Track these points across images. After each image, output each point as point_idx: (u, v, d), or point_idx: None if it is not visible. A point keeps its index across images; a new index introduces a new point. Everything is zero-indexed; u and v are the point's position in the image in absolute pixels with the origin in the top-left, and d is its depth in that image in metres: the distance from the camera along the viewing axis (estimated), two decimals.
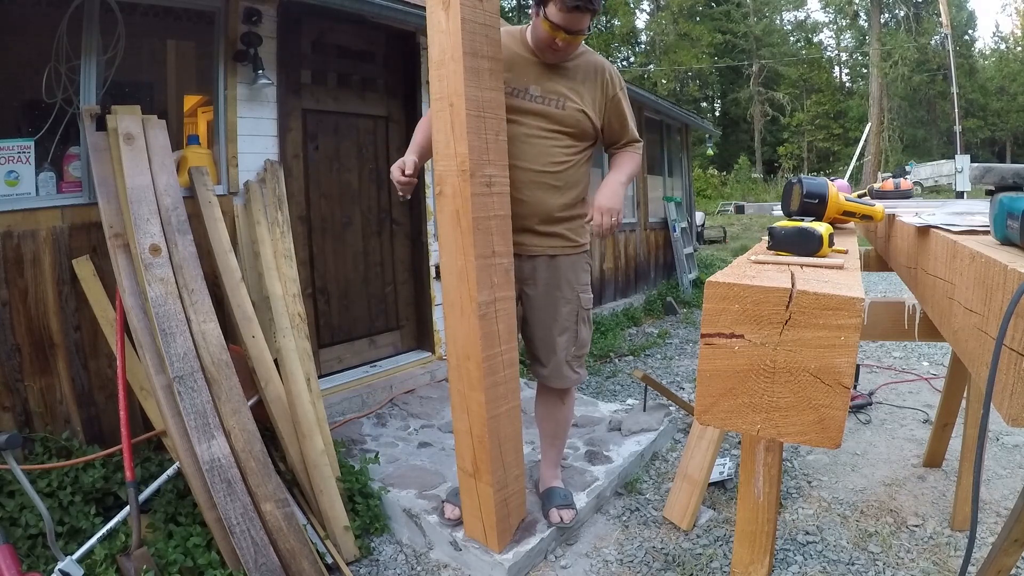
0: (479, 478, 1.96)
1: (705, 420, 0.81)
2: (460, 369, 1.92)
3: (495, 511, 1.97)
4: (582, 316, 2.13)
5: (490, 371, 1.87)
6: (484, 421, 1.88)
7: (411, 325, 3.99)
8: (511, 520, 2.08)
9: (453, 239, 1.82)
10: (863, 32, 32.94)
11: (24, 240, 2.27)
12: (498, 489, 1.96)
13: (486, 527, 2.02)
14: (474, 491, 2.01)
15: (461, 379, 1.92)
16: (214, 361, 2.11)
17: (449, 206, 1.82)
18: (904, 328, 1.24)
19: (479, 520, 2.04)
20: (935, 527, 2.28)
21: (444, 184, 1.83)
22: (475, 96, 1.74)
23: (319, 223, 3.41)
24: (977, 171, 0.93)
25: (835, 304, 0.73)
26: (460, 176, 1.75)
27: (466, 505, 2.08)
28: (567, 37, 1.85)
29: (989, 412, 0.73)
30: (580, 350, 2.15)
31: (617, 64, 34.70)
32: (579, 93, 1.99)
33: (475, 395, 1.88)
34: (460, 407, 1.96)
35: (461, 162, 1.74)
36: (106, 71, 2.49)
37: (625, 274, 6.71)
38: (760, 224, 17.52)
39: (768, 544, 1.06)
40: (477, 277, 1.78)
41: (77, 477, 2.13)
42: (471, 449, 1.95)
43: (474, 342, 1.83)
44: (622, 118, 2.11)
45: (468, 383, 1.90)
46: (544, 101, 1.97)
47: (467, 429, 1.94)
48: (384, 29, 3.58)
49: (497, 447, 1.93)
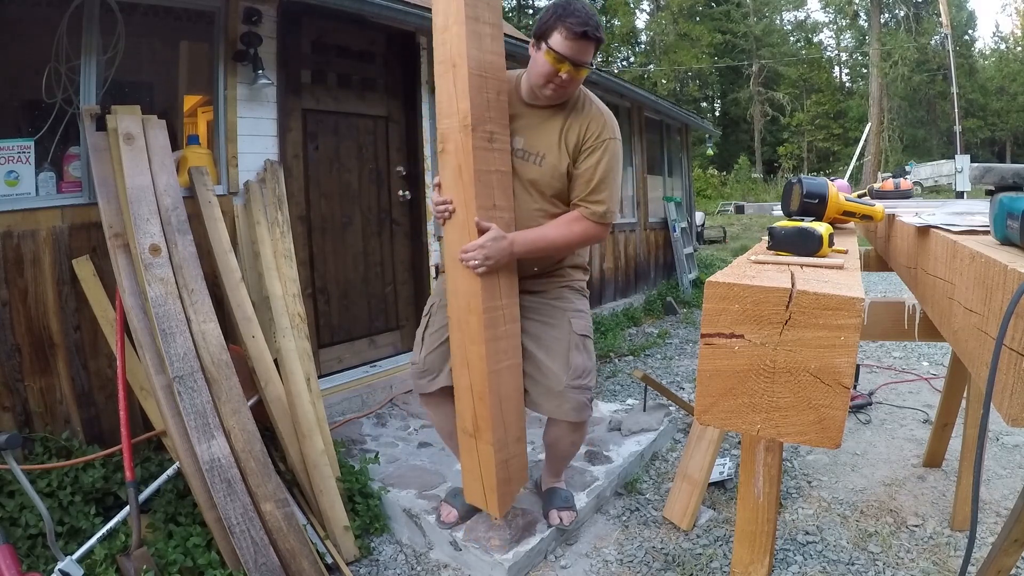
0: (479, 437, 1.92)
1: (705, 420, 0.81)
2: (461, 323, 1.89)
3: (495, 473, 1.92)
4: (575, 342, 1.94)
5: (490, 323, 1.83)
6: (485, 375, 1.84)
7: (411, 325, 3.99)
8: (512, 485, 2.03)
9: (455, 194, 1.82)
10: (863, 32, 32.96)
11: (24, 240, 2.27)
12: (499, 449, 1.92)
13: (486, 490, 1.97)
14: (474, 452, 1.97)
15: (462, 333, 1.89)
16: (214, 361, 2.11)
17: (452, 161, 1.81)
18: (904, 328, 1.24)
19: (479, 483, 1.98)
20: (935, 527, 2.28)
21: (447, 141, 1.82)
22: (477, 57, 1.75)
23: (319, 223, 3.41)
24: (977, 171, 0.93)
25: (835, 304, 0.73)
26: (463, 131, 1.75)
27: (466, 468, 2.03)
28: (571, 70, 1.71)
29: (989, 412, 0.73)
30: (575, 380, 1.92)
31: (617, 64, 34.75)
32: (563, 146, 1.83)
33: (475, 348, 1.85)
34: (460, 363, 1.92)
35: (463, 118, 1.74)
36: (106, 71, 2.49)
37: (625, 274, 6.71)
38: (760, 224, 17.52)
39: (768, 544, 1.06)
40: (479, 229, 1.78)
41: (77, 477, 2.13)
42: (471, 406, 1.91)
43: (475, 294, 1.81)
44: (589, 177, 1.82)
45: (469, 336, 1.86)
46: (524, 156, 1.87)
47: (467, 385, 1.90)
48: (384, 29, 3.58)
49: (498, 404, 1.88)
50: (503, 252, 1.77)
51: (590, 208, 1.84)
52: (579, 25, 1.66)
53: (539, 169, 1.86)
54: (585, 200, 1.84)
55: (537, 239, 1.84)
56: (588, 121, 1.84)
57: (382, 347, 3.82)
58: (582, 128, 1.83)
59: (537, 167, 1.86)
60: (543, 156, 1.85)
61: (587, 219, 1.85)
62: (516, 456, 2.01)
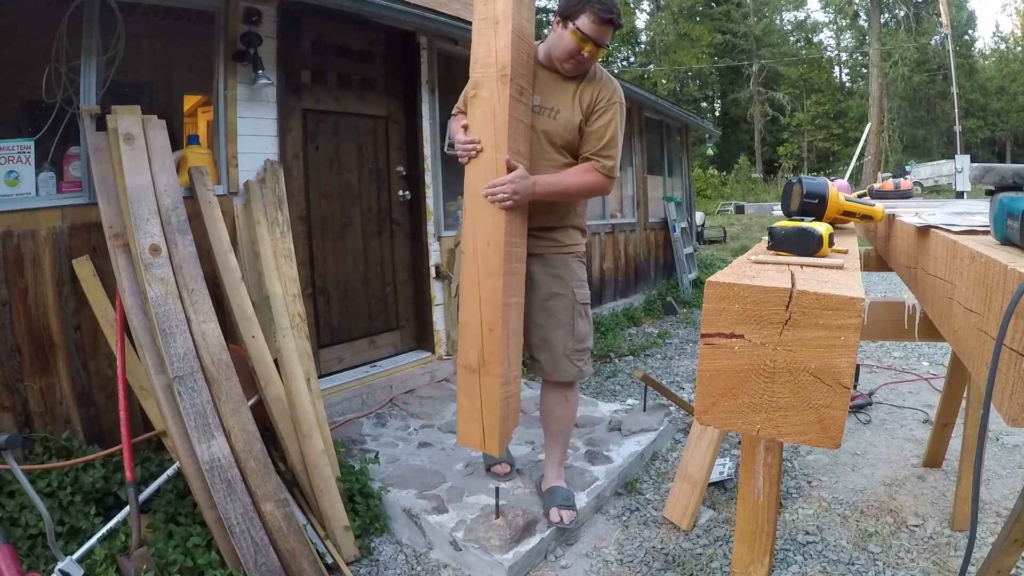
0: (485, 371, 1.99)
1: (705, 420, 0.81)
2: (478, 257, 1.99)
3: (498, 408, 1.98)
4: (578, 311, 2.18)
5: (508, 258, 1.95)
6: (499, 307, 1.94)
7: (411, 325, 4.00)
8: (510, 423, 2.08)
9: (485, 135, 1.97)
10: (863, 32, 32.94)
11: (24, 240, 2.27)
12: (503, 383, 1.98)
13: (486, 428, 2.02)
14: (476, 388, 2.02)
15: (477, 267, 1.99)
16: (214, 361, 2.11)
17: (485, 107, 1.97)
18: (904, 328, 1.24)
19: (479, 423, 2.03)
20: (935, 527, 2.28)
21: (480, 88, 1.98)
22: (517, 20, 1.94)
23: (319, 223, 3.41)
24: (977, 171, 0.93)
25: (835, 304, 0.73)
26: (500, 81, 1.93)
27: (464, 409, 2.07)
28: (593, 49, 1.95)
29: (989, 412, 0.73)
30: (579, 344, 2.18)
31: (617, 64, 34.77)
32: (577, 104, 2.05)
33: (492, 281, 1.95)
34: (471, 297, 2.00)
35: (502, 68, 1.92)
36: (106, 71, 2.49)
37: (625, 274, 6.71)
38: (760, 224, 17.53)
39: (768, 544, 1.06)
40: (507, 167, 1.94)
41: (77, 477, 2.13)
42: (479, 341, 1.99)
43: (498, 227, 1.94)
44: (601, 134, 2.06)
45: (486, 270, 1.97)
46: (540, 111, 2.07)
47: (476, 320, 1.99)
48: (384, 29, 3.58)
49: (507, 337, 1.97)
50: (527, 190, 1.94)
51: (601, 161, 2.07)
52: (605, 12, 1.90)
53: (553, 122, 2.07)
54: (597, 154, 2.07)
55: (556, 182, 2.03)
56: (600, 86, 2.07)
57: (382, 347, 3.82)
58: (595, 92, 2.06)
59: (552, 120, 2.07)
60: (558, 111, 2.07)
61: (598, 171, 2.07)
62: (514, 395, 2.10)
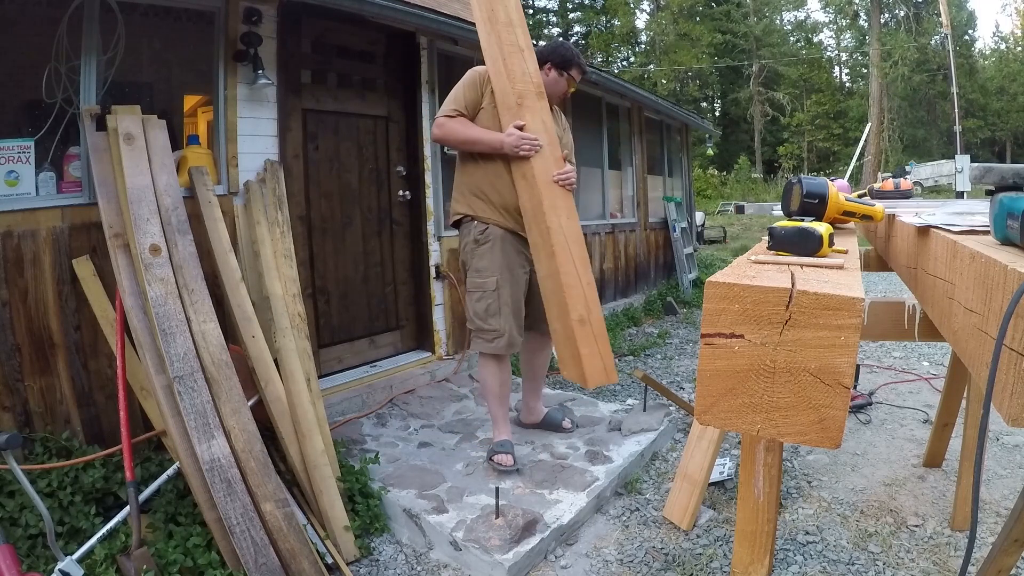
0: (592, 317, 2.44)
1: (705, 420, 0.81)
2: (565, 230, 2.45)
3: (607, 343, 2.47)
4: None
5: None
6: (588, 264, 2.49)
7: (411, 325, 4.00)
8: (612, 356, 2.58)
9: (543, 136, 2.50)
10: (863, 32, 32.92)
11: (24, 240, 2.27)
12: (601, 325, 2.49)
13: (605, 363, 2.45)
14: (591, 334, 2.43)
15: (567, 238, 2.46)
16: (214, 361, 2.11)
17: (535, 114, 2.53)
18: (904, 328, 1.24)
19: (599, 360, 2.43)
20: (935, 527, 2.28)
21: (524, 99, 2.53)
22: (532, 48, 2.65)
23: (319, 223, 3.41)
24: (977, 171, 0.93)
25: (835, 304, 0.73)
26: (538, 97, 2.58)
27: (587, 356, 2.41)
28: (575, 88, 2.78)
29: (989, 412, 0.73)
30: None
31: (617, 64, 34.83)
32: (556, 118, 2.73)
33: (578, 249, 2.47)
34: (567, 261, 2.42)
35: (538, 87, 2.58)
36: (106, 71, 2.49)
37: (625, 274, 6.71)
38: (760, 224, 17.53)
39: (768, 544, 1.06)
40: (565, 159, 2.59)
41: (77, 477, 2.13)
42: (583, 295, 2.43)
43: (572, 205, 2.51)
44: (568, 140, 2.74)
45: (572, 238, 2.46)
46: None
47: (577, 280, 2.43)
48: (384, 29, 3.58)
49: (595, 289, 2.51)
50: None
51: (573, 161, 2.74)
52: (583, 66, 2.75)
53: None
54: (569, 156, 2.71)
55: None
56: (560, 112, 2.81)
57: (382, 347, 3.82)
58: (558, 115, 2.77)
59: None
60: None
61: None
62: None
